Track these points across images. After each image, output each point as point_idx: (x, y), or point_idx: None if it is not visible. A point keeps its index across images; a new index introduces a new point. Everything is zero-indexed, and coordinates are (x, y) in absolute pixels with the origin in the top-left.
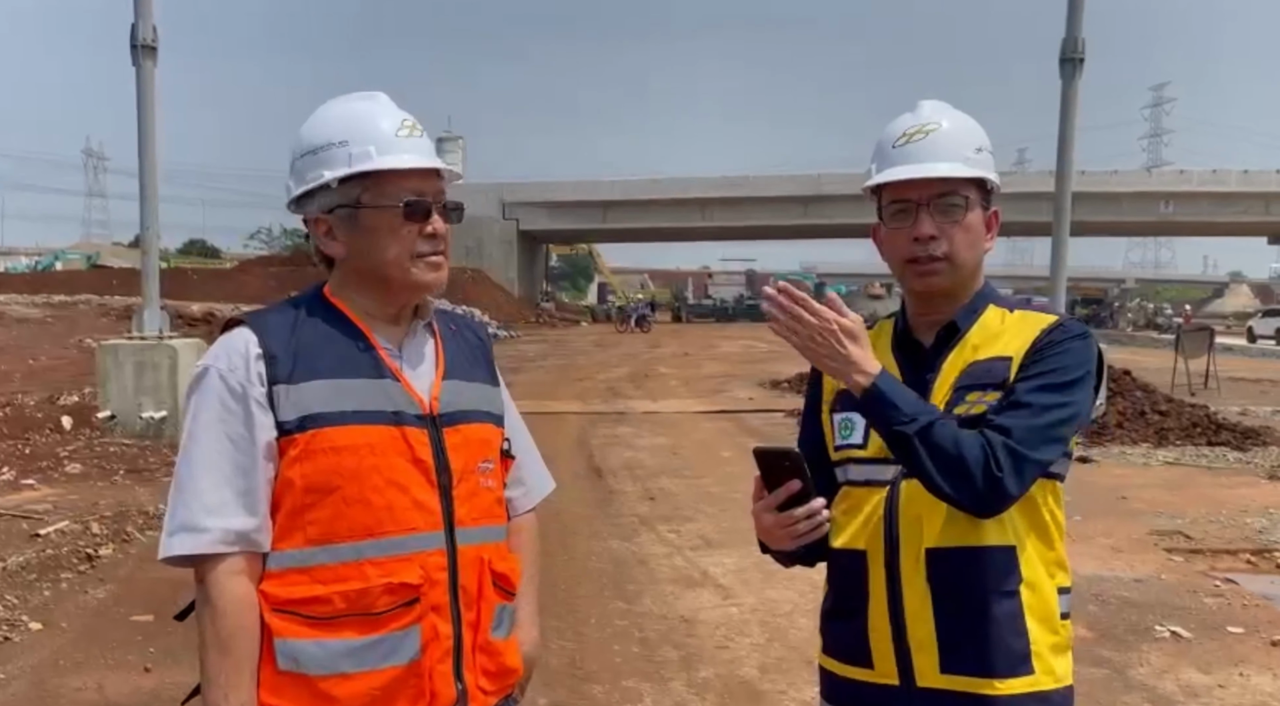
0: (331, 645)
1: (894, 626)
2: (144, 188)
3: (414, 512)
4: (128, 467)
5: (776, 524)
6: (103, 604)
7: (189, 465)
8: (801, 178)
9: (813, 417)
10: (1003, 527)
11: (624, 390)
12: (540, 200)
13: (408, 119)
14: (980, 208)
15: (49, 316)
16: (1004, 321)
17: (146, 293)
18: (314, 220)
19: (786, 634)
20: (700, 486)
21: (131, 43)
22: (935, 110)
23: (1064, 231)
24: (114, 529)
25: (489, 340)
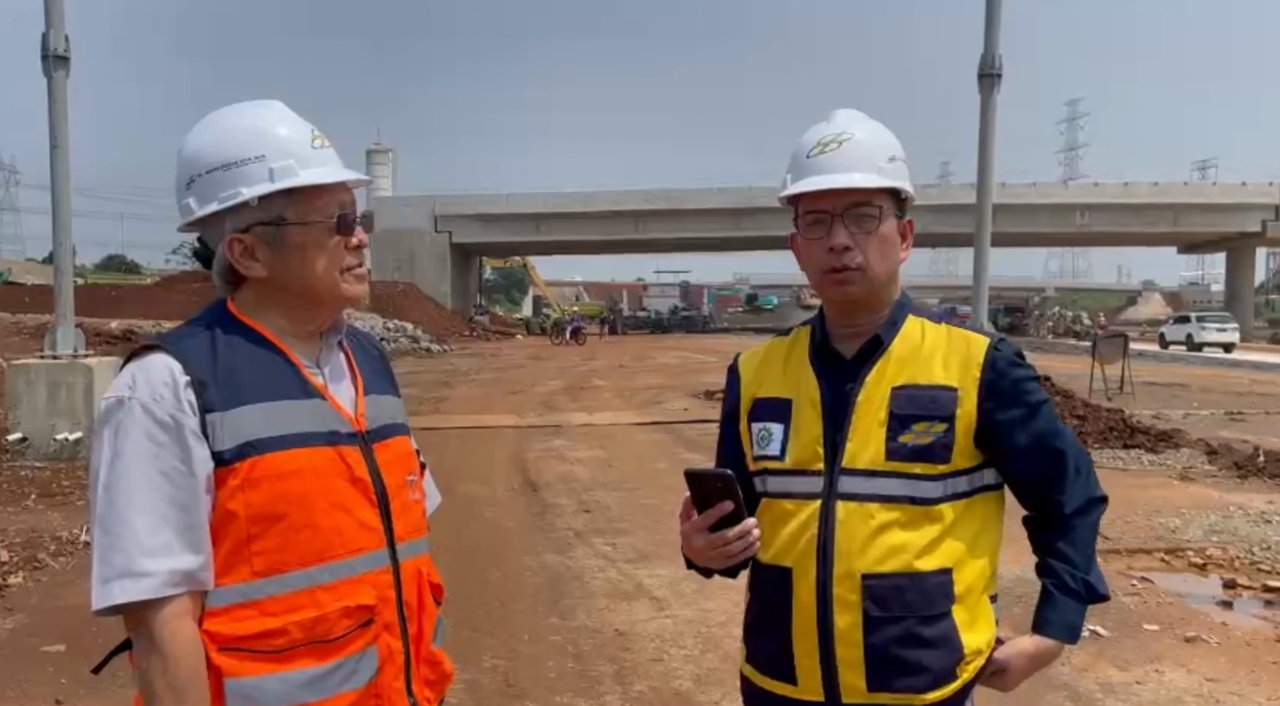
0: (291, 677)
1: (821, 645)
2: (57, 202)
3: (360, 533)
4: (40, 491)
5: (708, 545)
6: (12, 634)
7: (116, 506)
8: (733, 191)
9: (731, 426)
10: (943, 552)
11: (559, 403)
12: (473, 212)
13: (315, 129)
14: (894, 217)
15: None
16: (925, 335)
17: (60, 310)
18: (228, 240)
19: (721, 644)
20: (635, 499)
21: (43, 53)
22: (849, 119)
23: (985, 242)
24: (25, 555)
25: (385, 351)
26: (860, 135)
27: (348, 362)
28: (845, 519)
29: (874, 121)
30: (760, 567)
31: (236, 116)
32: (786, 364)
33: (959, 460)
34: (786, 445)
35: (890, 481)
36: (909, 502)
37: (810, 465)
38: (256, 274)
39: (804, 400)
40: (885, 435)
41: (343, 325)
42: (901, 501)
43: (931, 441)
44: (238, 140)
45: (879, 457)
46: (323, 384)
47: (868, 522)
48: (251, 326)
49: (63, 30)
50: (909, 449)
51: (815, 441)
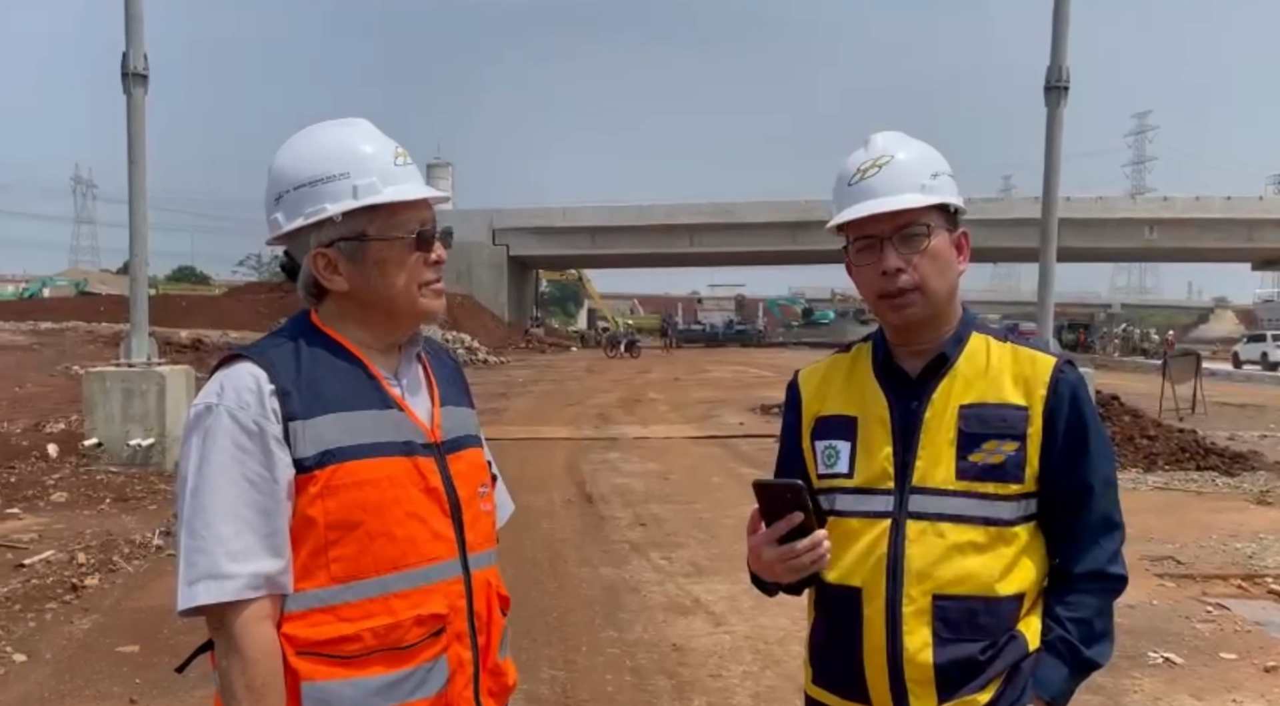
0: (364, 683)
1: (891, 664)
2: (133, 215)
3: (434, 542)
4: (114, 496)
5: (778, 557)
6: (88, 635)
7: (202, 510)
8: (789, 204)
9: (792, 444)
10: (1019, 576)
11: (614, 416)
12: (530, 226)
13: (399, 147)
14: (945, 232)
15: (36, 343)
16: (991, 352)
17: (134, 320)
18: (314, 254)
19: (780, 662)
20: (691, 512)
21: (123, 71)
22: (887, 142)
23: (1050, 257)
24: (100, 558)
25: (460, 364)
26: (900, 156)
27: (425, 375)
28: (916, 538)
29: (915, 141)
30: (826, 587)
31: (324, 134)
32: (849, 381)
33: (1031, 481)
34: (855, 463)
35: (963, 501)
36: (984, 523)
37: (880, 483)
38: (339, 287)
39: (871, 417)
40: (955, 454)
41: (421, 338)
42: (976, 522)
43: (1003, 460)
44: (324, 157)
45: (950, 477)
46: (400, 395)
47: (940, 542)
48: (334, 338)
49: (141, 49)
50: (980, 468)
51: (885, 460)
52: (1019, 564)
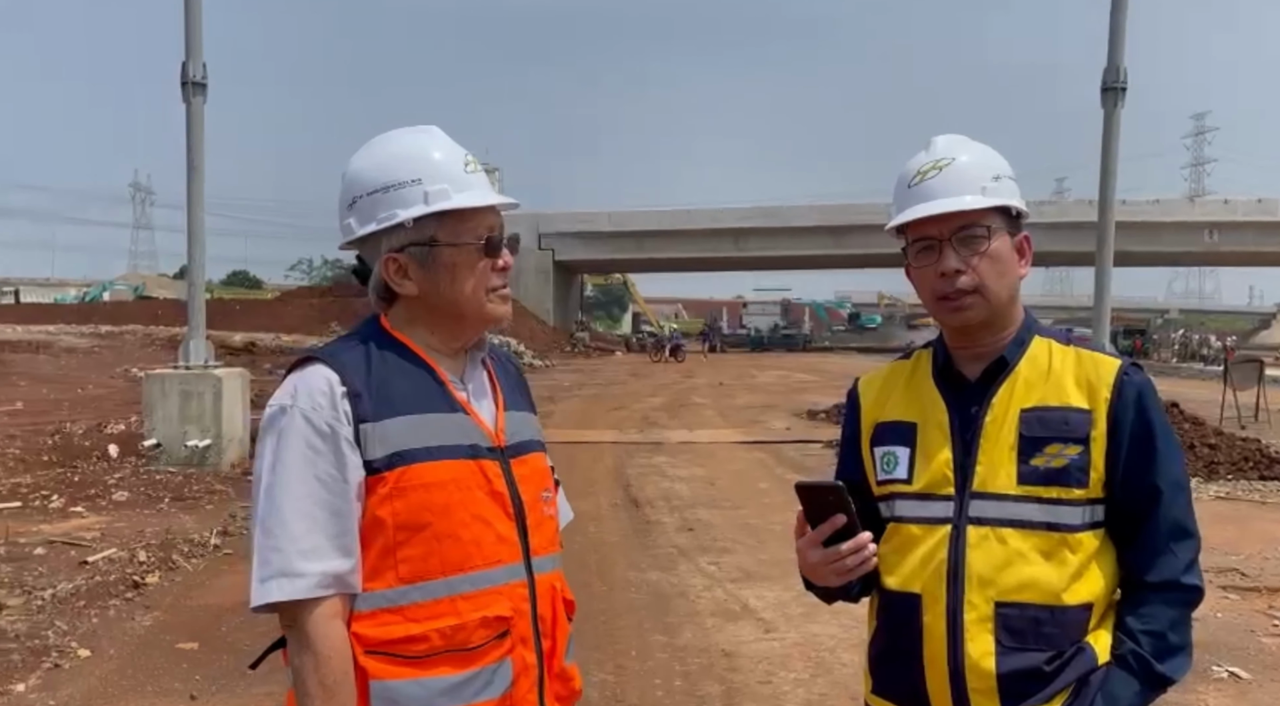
0: (431, 683)
1: (952, 672)
2: (191, 220)
3: (499, 545)
4: (173, 495)
5: (823, 560)
6: (149, 631)
7: (277, 508)
8: (835, 207)
9: (852, 451)
10: (1087, 585)
11: (660, 420)
12: (575, 230)
13: (469, 154)
14: (1007, 234)
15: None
16: (1053, 356)
17: (192, 323)
18: (384, 258)
19: (831, 669)
20: (738, 518)
21: (182, 80)
22: (948, 145)
23: (1106, 261)
24: (160, 557)
25: (523, 369)
26: (961, 158)
27: (490, 379)
28: (977, 544)
29: (977, 144)
30: (886, 593)
31: (397, 141)
32: (909, 387)
33: (1097, 486)
34: (914, 469)
35: (1025, 507)
36: (1047, 529)
37: (939, 489)
38: (409, 292)
39: (930, 423)
40: (1016, 458)
41: (486, 343)
42: (1039, 528)
43: (1066, 464)
44: (396, 164)
45: (1011, 482)
46: (466, 399)
47: (1001, 548)
48: (403, 341)
49: (200, 58)
50: (1041, 472)
51: (944, 465)
52: (1086, 572)
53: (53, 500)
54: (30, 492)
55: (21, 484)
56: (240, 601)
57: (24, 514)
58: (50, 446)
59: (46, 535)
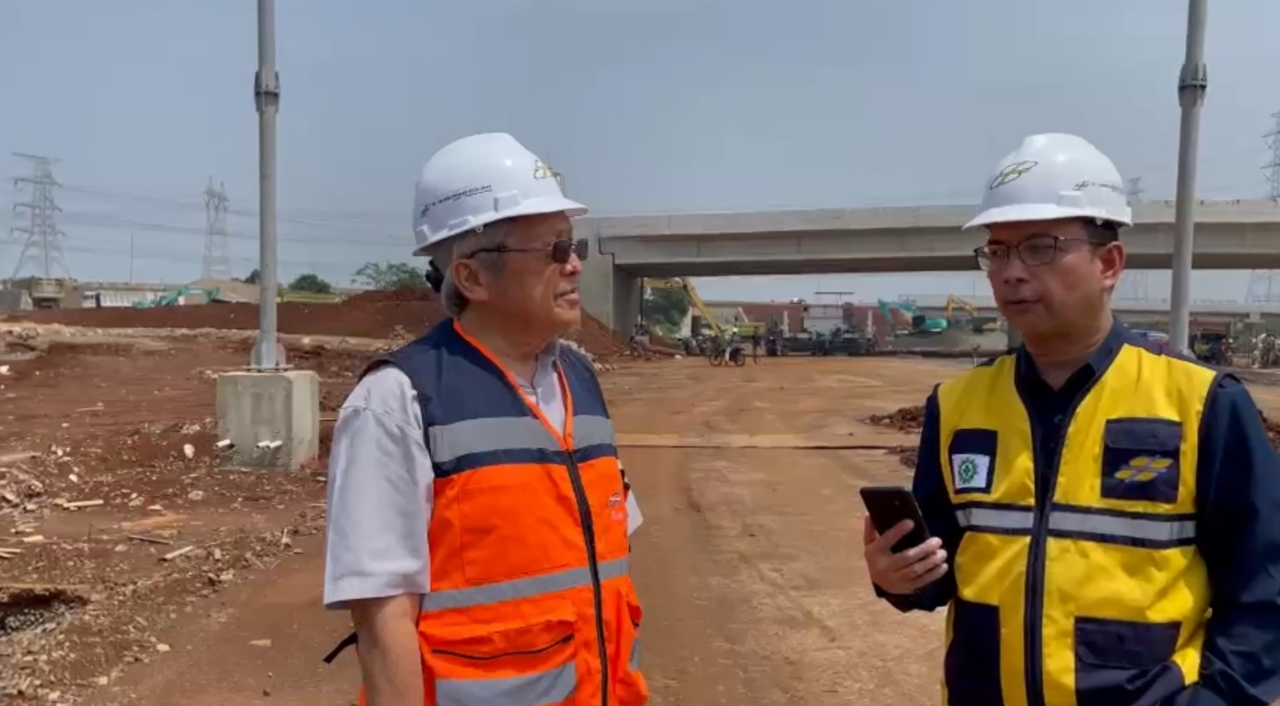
0: (495, 684)
1: (1030, 687)
2: (263, 226)
3: (564, 549)
4: (246, 495)
5: (891, 566)
6: (224, 628)
7: (349, 509)
8: (899, 210)
9: (930, 457)
10: (1174, 603)
11: (720, 424)
12: (635, 234)
13: (539, 160)
14: (1086, 245)
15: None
16: (1143, 366)
17: (263, 327)
18: (455, 264)
19: (898, 680)
20: (801, 524)
21: (255, 89)
22: (1038, 146)
23: (1185, 264)
24: (234, 555)
25: (596, 374)
26: (1046, 162)
27: (560, 383)
28: (1057, 557)
29: (1075, 146)
30: (963, 604)
31: (468, 149)
32: (990, 394)
33: (1187, 501)
34: (993, 478)
35: (1109, 520)
36: (1131, 544)
37: (1019, 499)
38: (479, 297)
39: (1011, 432)
40: (1100, 470)
41: (556, 347)
42: (1123, 542)
43: (1153, 478)
44: (468, 171)
45: (1094, 495)
46: (535, 403)
47: (1083, 562)
48: (474, 346)
49: (273, 68)
50: (1127, 485)
51: (1025, 475)
52: (1173, 590)
53: (132, 498)
54: (111, 491)
55: (103, 482)
56: (310, 599)
57: (106, 511)
58: (130, 446)
59: (127, 532)
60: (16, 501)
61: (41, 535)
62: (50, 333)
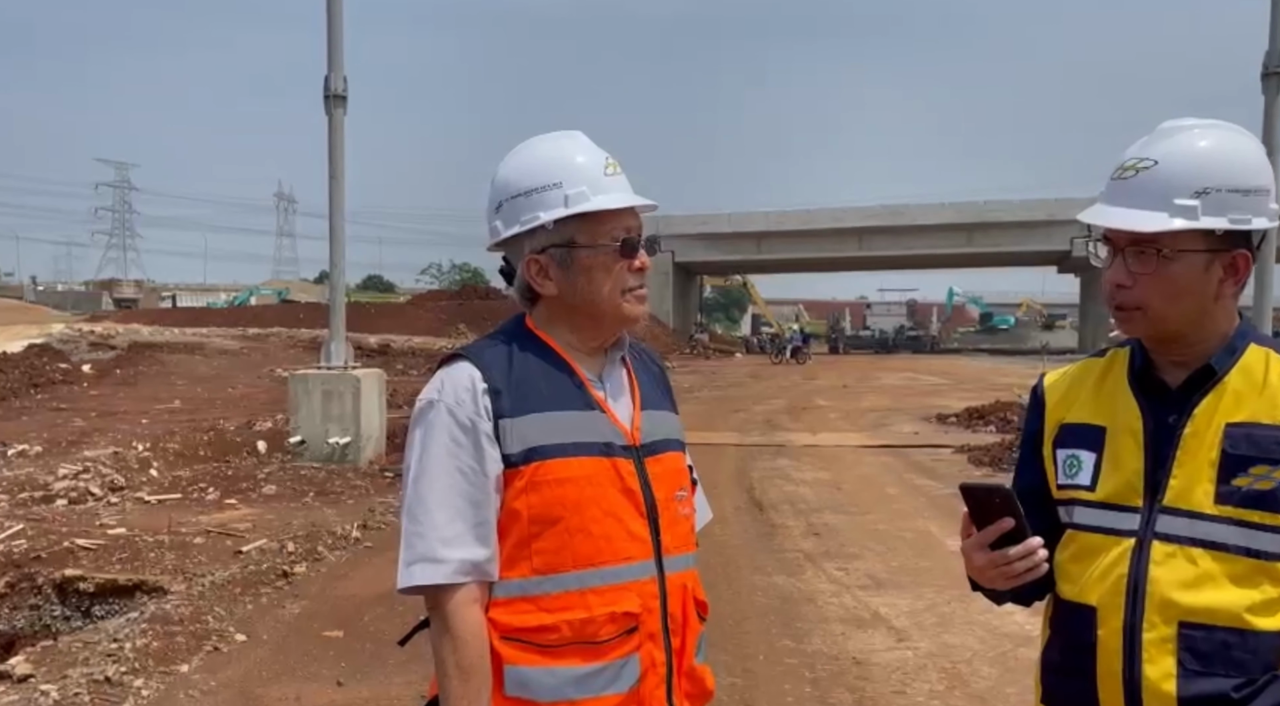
0: (560, 672)
1: (1128, 692)
2: (332, 228)
3: (629, 542)
4: (317, 490)
5: (989, 563)
6: (298, 619)
7: (422, 498)
8: (964, 205)
9: (1032, 451)
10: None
11: (782, 422)
12: (695, 232)
13: (609, 157)
14: (1201, 254)
15: (244, 347)
16: (1271, 368)
17: (333, 325)
18: (526, 259)
19: (968, 682)
20: (866, 523)
21: (325, 93)
22: (1165, 141)
23: (1269, 258)
24: (306, 548)
25: (666, 370)
26: (1169, 162)
27: (629, 378)
28: (1162, 561)
29: (1212, 141)
30: (1061, 603)
31: (541, 146)
32: (1100, 388)
33: None
34: (1099, 476)
35: (1221, 528)
36: (1245, 554)
37: (1126, 500)
38: (549, 292)
39: (1121, 428)
40: (1216, 476)
41: (625, 342)
42: (1236, 552)
43: (1274, 487)
44: (540, 168)
45: (1208, 500)
46: (603, 397)
47: (1190, 569)
48: (544, 340)
49: (341, 72)
50: (1244, 493)
51: (1134, 475)
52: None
53: (209, 493)
54: (189, 485)
55: (181, 477)
56: (380, 592)
57: (184, 505)
58: (205, 442)
59: (204, 525)
60: (101, 495)
61: (124, 527)
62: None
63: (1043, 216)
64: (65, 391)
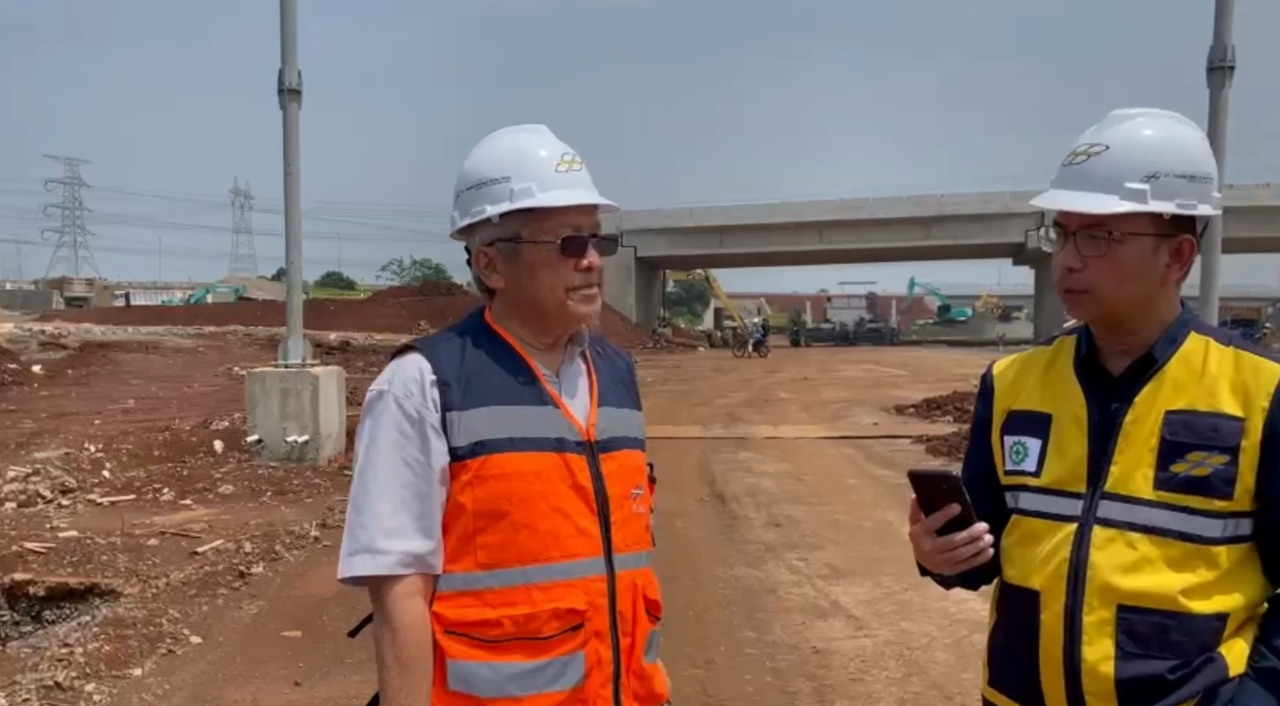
0: (503, 668)
1: (1068, 675)
2: (289, 223)
3: (577, 539)
4: (274, 489)
5: (936, 549)
6: (255, 619)
7: (366, 488)
8: (923, 199)
9: (981, 438)
10: (1220, 599)
11: (744, 415)
12: (657, 227)
13: (568, 153)
14: (1149, 238)
15: (201, 346)
16: (1209, 356)
17: (290, 323)
18: (476, 252)
19: (925, 668)
20: (826, 514)
21: (279, 87)
22: (1116, 127)
23: (1214, 249)
24: (264, 548)
25: (633, 366)
26: (1120, 147)
27: (588, 374)
28: (1102, 545)
29: (1160, 126)
30: (1007, 587)
31: (501, 139)
32: (1047, 375)
33: (1244, 499)
34: (1044, 462)
35: (1160, 513)
36: (1181, 539)
37: (1069, 486)
38: (497, 285)
39: (1066, 416)
40: (1155, 462)
41: (585, 338)
42: (1172, 537)
43: (1209, 473)
44: (494, 161)
45: (1147, 486)
46: (557, 393)
47: (1129, 553)
48: (500, 334)
49: (295, 66)
50: (1182, 479)
51: (1078, 461)
52: (1221, 586)
53: (164, 493)
54: (143, 486)
55: (135, 477)
56: (340, 591)
57: (138, 506)
58: (161, 442)
59: (159, 526)
60: (51, 497)
61: (75, 530)
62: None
63: (998, 209)
64: (15, 392)
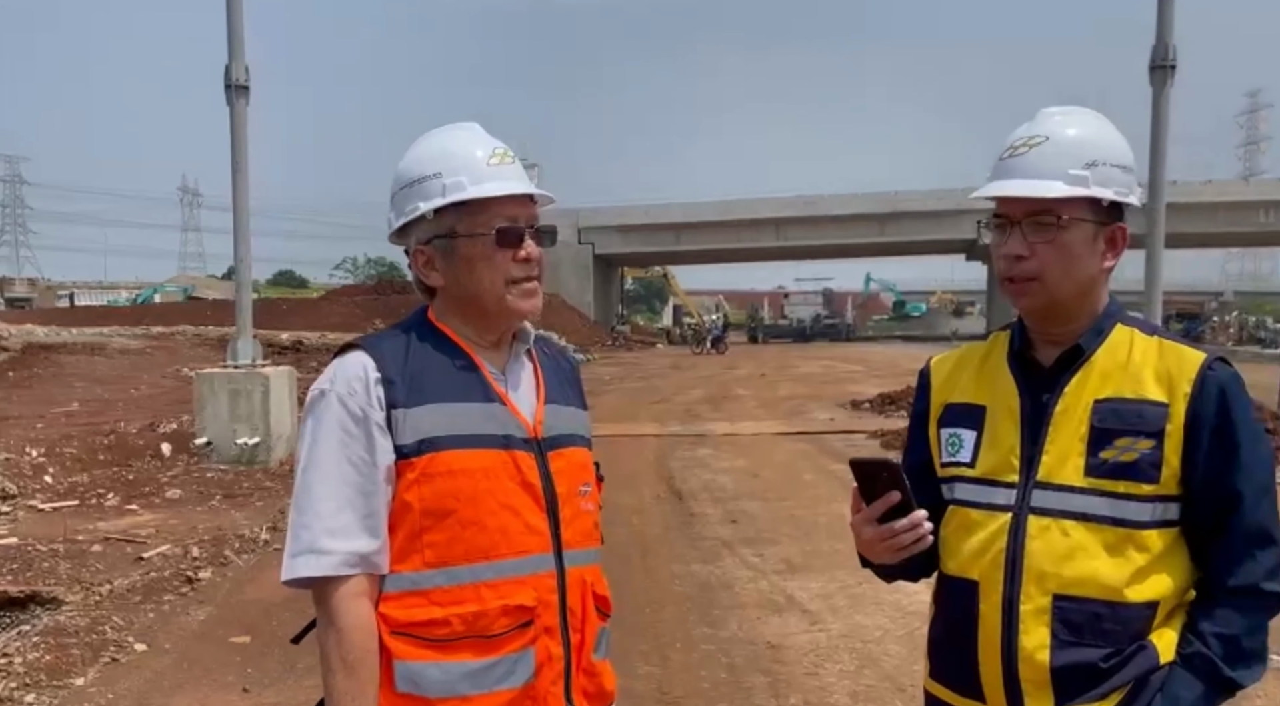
0: (452, 667)
1: (1005, 664)
2: (237, 221)
3: (526, 536)
4: (224, 493)
5: (877, 537)
6: (203, 625)
7: (309, 488)
8: (878, 196)
9: (920, 430)
10: (1152, 584)
11: (702, 412)
12: (615, 224)
13: (499, 147)
14: (1089, 224)
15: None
16: (1134, 346)
17: (240, 323)
18: (414, 251)
19: (878, 661)
20: (782, 509)
21: (226, 83)
22: (1051, 120)
23: (1158, 244)
24: (212, 552)
25: (578, 367)
26: (1058, 137)
27: (534, 372)
28: (1037, 534)
29: (1089, 122)
30: (945, 579)
31: (432, 138)
32: (982, 369)
33: (1170, 482)
34: (978, 453)
35: (1091, 500)
36: (1112, 524)
37: (1002, 476)
38: (436, 283)
39: (1000, 407)
40: (1085, 450)
41: (529, 336)
42: (1104, 522)
43: (1136, 458)
44: (425, 160)
45: (1077, 474)
46: (504, 390)
47: (1063, 541)
48: (444, 332)
49: (243, 62)
50: (1110, 465)
51: (1010, 451)
52: (1153, 570)
53: (109, 498)
54: (87, 491)
55: (79, 482)
56: (290, 596)
57: (81, 512)
58: (105, 446)
59: (103, 532)
60: None
61: (15, 537)
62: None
63: (951, 206)
64: None
